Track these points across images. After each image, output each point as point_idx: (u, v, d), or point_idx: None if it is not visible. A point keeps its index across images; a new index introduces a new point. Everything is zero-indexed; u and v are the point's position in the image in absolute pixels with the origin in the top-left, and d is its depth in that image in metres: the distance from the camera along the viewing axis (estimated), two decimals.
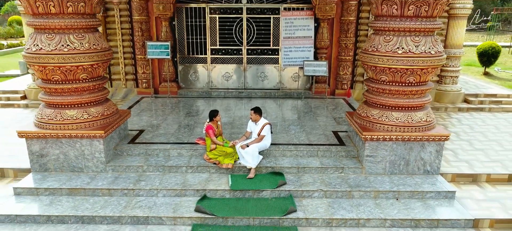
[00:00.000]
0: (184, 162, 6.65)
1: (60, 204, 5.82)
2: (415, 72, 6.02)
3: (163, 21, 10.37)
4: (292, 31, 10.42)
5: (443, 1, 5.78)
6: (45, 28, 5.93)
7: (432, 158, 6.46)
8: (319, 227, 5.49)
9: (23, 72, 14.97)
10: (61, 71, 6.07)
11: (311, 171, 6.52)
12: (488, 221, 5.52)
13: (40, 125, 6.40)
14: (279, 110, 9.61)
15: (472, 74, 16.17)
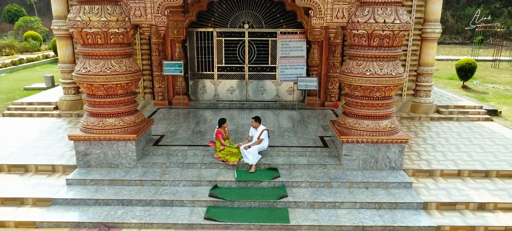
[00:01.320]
0: (199, 160, 8.33)
1: (103, 191, 7.49)
2: (380, 89, 7.71)
3: (177, 43, 12.12)
4: (288, 52, 12.16)
5: (400, 35, 7.50)
6: (92, 55, 7.65)
7: (396, 156, 8.13)
8: (304, 208, 7.14)
9: (48, 86, 16.71)
10: (104, 88, 7.77)
11: (300, 167, 8.19)
12: (434, 204, 7.17)
13: (85, 130, 8.09)
14: (276, 119, 11.31)
15: (452, 87, 17.88)
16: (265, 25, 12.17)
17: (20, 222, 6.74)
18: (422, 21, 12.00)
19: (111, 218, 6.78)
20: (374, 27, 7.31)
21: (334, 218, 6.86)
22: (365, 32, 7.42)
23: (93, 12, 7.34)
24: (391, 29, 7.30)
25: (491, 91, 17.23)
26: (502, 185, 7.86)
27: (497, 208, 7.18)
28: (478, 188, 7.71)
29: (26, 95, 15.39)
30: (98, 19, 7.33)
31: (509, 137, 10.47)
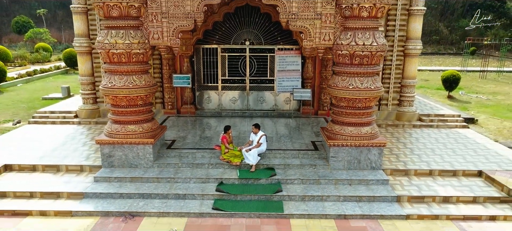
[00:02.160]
0: (206, 161, 9.68)
1: (126, 186, 8.84)
2: (361, 100, 9.08)
3: (185, 58, 13.53)
4: (284, 66, 13.55)
5: (377, 55, 8.88)
6: (117, 71, 9.04)
7: (376, 158, 9.47)
8: (296, 201, 8.47)
9: (64, 96, 18.12)
10: (127, 100, 9.15)
11: (293, 167, 9.53)
12: (406, 197, 8.50)
13: (109, 135, 9.46)
14: (274, 126, 12.67)
15: (438, 97, 19.25)
16: (264, 42, 13.58)
17: (59, 211, 8.08)
18: (405, 38, 13.39)
19: (134, 208, 8.12)
20: (355, 49, 8.70)
21: (321, 208, 8.19)
22: (348, 52, 8.80)
23: (118, 36, 8.74)
24: (370, 50, 8.69)
25: (474, 101, 18.59)
26: (466, 182, 9.19)
27: (459, 201, 8.51)
28: (445, 185, 9.04)
29: (45, 104, 16.81)
30: (123, 41, 8.73)
31: (480, 142, 11.81)
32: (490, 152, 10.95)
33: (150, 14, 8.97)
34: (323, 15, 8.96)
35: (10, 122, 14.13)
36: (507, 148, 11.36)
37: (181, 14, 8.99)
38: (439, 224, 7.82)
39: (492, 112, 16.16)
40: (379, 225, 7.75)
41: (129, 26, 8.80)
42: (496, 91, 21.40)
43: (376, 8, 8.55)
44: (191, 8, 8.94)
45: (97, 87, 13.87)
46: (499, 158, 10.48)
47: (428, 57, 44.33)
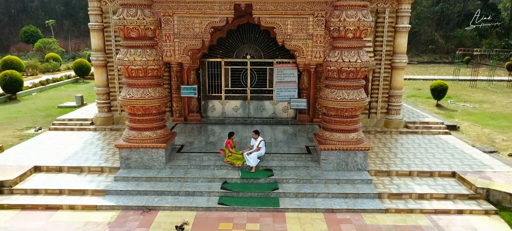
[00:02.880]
0: (212, 163, 10.97)
1: (142, 185, 10.13)
2: (348, 110, 10.37)
3: (192, 71, 14.87)
4: (282, 77, 14.87)
5: (362, 70, 10.19)
6: (135, 85, 10.36)
7: (361, 160, 10.75)
8: (291, 197, 9.74)
9: (78, 104, 19.47)
10: (143, 109, 10.47)
11: (289, 169, 10.81)
12: (386, 194, 9.77)
13: (127, 140, 10.77)
14: (272, 132, 13.96)
15: (427, 105, 20.53)
16: (264, 56, 14.91)
17: (85, 205, 9.37)
18: (392, 53, 14.72)
19: (150, 203, 9.41)
20: (342, 65, 10.02)
21: (312, 204, 9.46)
22: (336, 68, 10.13)
23: (136, 54, 10.08)
24: (355, 66, 10.01)
25: (461, 109, 19.86)
26: (441, 182, 10.46)
27: (433, 197, 9.78)
28: (421, 184, 10.31)
29: (61, 112, 18.16)
30: (140, 59, 10.06)
31: (458, 147, 13.09)
32: (465, 155, 12.22)
33: (164, 35, 10.33)
34: (314, 36, 10.31)
35: (32, 129, 15.45)
36: (481, 152, 12.63)
37: (191, 35, 10.34)
38: (413, 216, 9.08)
39: (475, 120, 17.42)
40: (361, 217, 9.02)
41: (145, 45, 10.14)
42: (483, 100, 22.67)
43: (360, 30, 9.87)
44: (200, 29, 10.30)
45: (111, 97, 15.22)
46: (473, 161, 11.74)
47: (424, 66, 45.69)
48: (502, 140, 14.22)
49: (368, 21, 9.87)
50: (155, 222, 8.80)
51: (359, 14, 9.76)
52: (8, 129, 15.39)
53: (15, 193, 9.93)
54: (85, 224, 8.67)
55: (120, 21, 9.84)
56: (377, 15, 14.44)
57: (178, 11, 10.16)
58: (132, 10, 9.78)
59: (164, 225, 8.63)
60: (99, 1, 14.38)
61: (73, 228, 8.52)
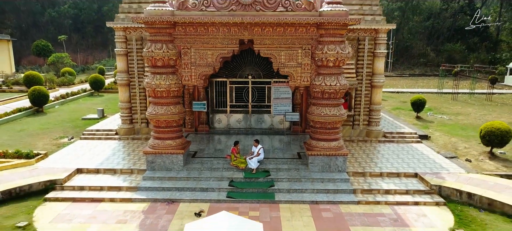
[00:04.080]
0: (221, 166, 13.56)
1: (166, 183, 12.70)
2: (330, 123, 12.97)
3: (201, 89, 17.50)
4: (279, 94, 17.48)
5: (341, 91, 12.81)
6: (159, 103, 12.98)
7: (341, 164, 13.32)
8: (284, 193, 12.29)
9: (100, 117, 22.09)
10: (165, 123, 13.08)
11: (283, 170, 13.38)
12: (359, 190, 12.33)
13: (152, 148, 13.36)
14: (270, 141, 16.55)
15: (408, 118, 23.13)
16: (263, 76, 17.55)
17: (123, 198, 11.93)
18: (371, 74, 17.36)
19: (173, 197, 11.98)
20: (325, 88, 12.64)
21: (300, 197, 12.02)
22: (320, 90, 12.75)
23: (161, 79, 12.70)
24: (334, 89, 12.64)
25: (437, 121, 22.47)
26: (405, 181, 13.04)
27: (396, 192, 12.33)
28: (389, 182, 12.88)
29: (86, 123, 20.78)
30: (164, 83, 12.69)
31: (425, 153, 15.67)
32: (429, 160, 14.81)
33: (183, 63, 13.00)
34: (303, 64, 12.96)
35: (65, 138, 18.04)
36: (443, 158, 15.22)
37: (204, 63, 13.01)
38: (379, 207, 11.65)
39: (447, 130, 20.01)
40: (338, 207, 11.59)
41: (168, 72, 12.79)
42: (460, 112, 25.28)
43: (338, 60, 12.51)
44: (211, 59, 12.96)
45: (133, 111, 17.85)
46: (434, 164, 14.33)
47: (415, 79, 48.40)
48: (464, 148, 16.80)
49: (344, 53, 12.52)
50: (178, 211, 11.35)
51: (338, 48, 12.42)
52: (45, 138, 17.98)
53: (65, 189, 12.51)
54: (124, 212, 11.23)
55: (149, 53, 12.50)
56: (359, 43, 17.14)
57: (194, 45, 12.83)
58: (159, 44, 12.45)
59: (185, 212, 11.19)
60: (124, 30, 17.06)
61: (115, 215, 11.09)
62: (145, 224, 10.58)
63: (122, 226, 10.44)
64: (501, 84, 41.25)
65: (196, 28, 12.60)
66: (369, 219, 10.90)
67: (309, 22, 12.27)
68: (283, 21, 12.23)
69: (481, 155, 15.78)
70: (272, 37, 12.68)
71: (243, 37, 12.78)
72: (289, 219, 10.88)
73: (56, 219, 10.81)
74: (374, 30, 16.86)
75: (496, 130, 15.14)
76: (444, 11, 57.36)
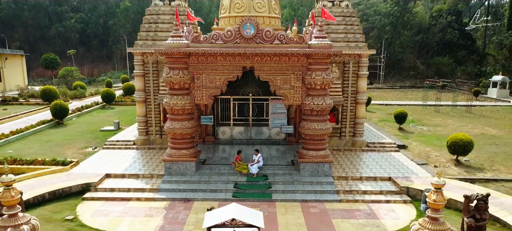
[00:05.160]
0: (226, 171, 16.18)
1: (181, 185, 15.30)
2: (318, 136, 15.62)
3: (208, 105, 20.16)
4: (276, 110, 20.15)
5: (326, 109, 15.48)
6: (176, 119, 15.62)
7: (327, 169, 15.96)
8: (279, 193, 14.90)
9: (116, 129, 24.68)
10: (181, 135, 15.72)
11: (278, 175, 16.01)
12: (342, 191, 14.97)
13: (169, 156, 15.98)
14: (268, 150, 19.18)
15: (392, 129, 25.80)
16: (262, 94, 20.22)
17: (147, 198, 14.52)
18: (356, 92, 20.08)
19: (188, 196, 14.58)
20: (313, 106, 15.32)
21: (293, 197, 14.64)
22: (309, 108, 15.43)
23: (177, 99, 15.36)
24: (321, 107, 15.31)
25: (417, 132, 25.16)
26: (380, 183, 15.67)
27: (372, 193, 14.96)
28: (366, 185, 15.50)
29: (104, 134, 23.37)
30: (180, 102, 15.35)
31: (400, 161, 18.34)
32: (403, 166, 17.47)
33: (196, 86, 15.68)
34: (295, 87, 15.65)
35: (89, 148, 20.63)
36: (415, 164, 17.88)
37: (213, 86, 15.69)
38: (357, 204, 14.26)
39: (423, 140, 22.71)
40: (324, 204, 14.20)
41: (183, 93, 15.47)
42: (439, 124, 28.01)
43: (324, 84, 15.22)
44: (219, 83, 15.65)
45: (148, 124, 20.47)
46: (406, 170, 16.99)
47: (405, 91, 51.17)
48: (435, 156, 19.48)
49: (329, 78, 15.23)
50: (193, 207, 13.95)
51: (323, 74, 15.14)
52: (71, 148, 20.58)
53: (98, 190, 15.10)
54: (149, 209, 13.82)
55: (168, 78, 15.19)
56: (344, 65, 19.90)
57: (205, 71, 15.53)
58: (176, 71, 15.15)
59: (199, 208, 13.78)
60: (142, 55, 19.78)
61: (142, 210, 13.67)
62: (167, 217, 13.17)
63: (150, 219, 13.03)
64: (484, 97, 44.10)
65: (206, 57, 15.31)
66: (348, 213, 13.53)
67: (300, 53, 15.01)
68: (278, 52, 14.96)
69: (448, 162, 18.46)
70: (270, 65, 15.40)
71: (245, 64, 15.50)
72: (284, 214, 13.50)
73: (95, 213, 13.40)
74: (358, 54, 19.61)
75: (460, 141, 17.85)
76: (433, 27, 60.41)
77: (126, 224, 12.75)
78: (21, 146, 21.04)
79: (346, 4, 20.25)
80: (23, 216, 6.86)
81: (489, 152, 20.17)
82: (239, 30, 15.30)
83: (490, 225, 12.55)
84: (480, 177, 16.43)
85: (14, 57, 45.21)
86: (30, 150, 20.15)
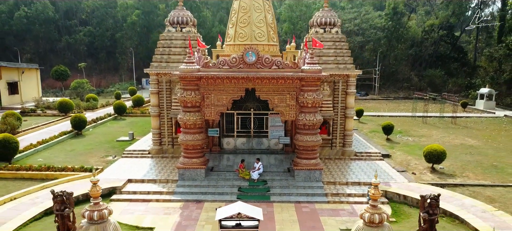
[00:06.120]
0: (231, 177, 18.84)
1: (193, 189, 17.96)
2: (310, 147, 18.29)
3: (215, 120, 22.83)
4: (274, 123, 22.79)
5: (317, 124, 18.17)
6: (188, 132, 18.31)
7: (318, 175, 18.61)
8: (276, 195, 17.54)
9: (131, 139, 27.37)
10: (192, 146, 18.40)
11: (276, 180, 18.66)
12: (330, 194, 17.60)
13: (183, 164, 18.65)
14: (267, 159, 21.82)
15: (380, 139, 28.43)
16: (262, 109, 22.85)
17: (164, 199, 17.18)
18: (345, 107, 22.78)
19: (199, 198, 17.23)
20: (305, 122, 18.01)
21: (288, 198, 17.28)
22: (302, 123, 18.11)
23: (190, 115, 18.08)
24: (313, 122, 18.01)
25: (403, 142, 27.80)
26: (363, 187, 18.29)
27: (355, 195, 17.59)
28: (351, 188, 18.13)
29: (120, 144, 26.06)
30: (192, 118, 18.06)
31: (383, 168, 20.97)
32: (384, 173, 20.11)
33: (205, 104, 18.39)
34: (290, 105, 18.36)
35: (109, 157, 23.31)
36: (396, 171, 20.51)
37: (220, 104, 18.41)
38: (342, 205, 16.89)
39: (407, 150, 25.34)
40: (314, 205, 16.83)
41: (195, 110, 18.18)
42: (424, 134, 30.65)
43: (315, 102, 17.92)
44: (226, 101, 18.37)
45: (161, 136, 23.16)
46: (387, 176, 19.62)
47: (398, 102, 53.85)
48: (414, 164, 22.12)
49: (319, 98, 17.94)
50: (204, 207, 16.59)
51: (314, 94, 17.85)
52: (93, 156, 23.27)
53: (123, 193, 17.76)
54: (167, 208, 16.47)
55: (182, 97, 17.92)
56: (335, 84, 22.63)
57: (213, 91, 18.25)
58: (189, 91, 17.88)
59: (209, 208, 16.41)
60: (156, 75, 22.54)
61: (161, 210, 16.31)
62: (183, 215, 15.83)
63: (168, 216, 15.68)
64: (472, 108, 46.74)
65: (215, 80, 18.05)
66: (334, 212, 16.16)
67: (294, 77, 17.74)
68: (276, 76, 17.71)
69: (425, 169, 21.10)
70: (268, 86, 18.13)
71: (248, 86, 18.24)
72: (280, 212, 16.14)
73: (122, 212, 16.05)
74: (346, 75, 22.34)
75: (434, 151, 20.50)
76: (425, 40, 63.31)
77: (149, 220, 15.39)
78: (48, 154, 23.73)
79: (336, 31, 23.04)
80: (102, 204, 9.86)
81: (462, 161, 22.81)
82: (243, 57, 18.03)
83: (451, 222, 15.21)
84: (450, 182, 19.06)
85: (30, 70, 48.10)
86: (57, 158, 22.84)
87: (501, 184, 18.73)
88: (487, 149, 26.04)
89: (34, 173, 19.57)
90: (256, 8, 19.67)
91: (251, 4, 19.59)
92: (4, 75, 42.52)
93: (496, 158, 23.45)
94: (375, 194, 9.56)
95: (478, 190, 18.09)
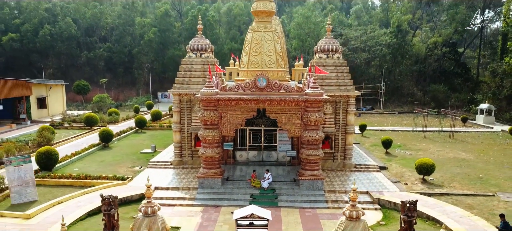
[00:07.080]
0: (244, 186, 21.66)
1: (211, 196, 20.82)
2: (313, 159, 21.05)
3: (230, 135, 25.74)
4: (282, 138, 25.57)
5: (319, 139, 20.95)
6: (208, 146, 21.22)
7: (320, 185, 21.31)
8: (283, 202, 20.28)
9: (153, 151, 30.42)
10: (211, 159, 21.30)
11: (284, 189, 21.41)
12: (330, 201, 20.32)
13: (202, 174, 21.55)
14: (276, 170, 24.59)
15: (380, 153, 30.98)
16: (271, 126, 25.73)
17: (187, 204, 20.06)
18: (345, 124, 25.51)
19: (217, 204, 20.07)
20: (309, 138, 20.81)
21: (293, 204, 20.01)
22: (306, 139, 20.91)
23: (209, 131, 21.01)
24: (315, 138, 20.80)
25: (400, 155, 30.30)
26: (360, 196, 20.90)
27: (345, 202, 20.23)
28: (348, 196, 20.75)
29: (144, 156, 29.09)
30: (211, 134, 20.99)
31: (379, 179, 23.56)
32: (380, 183, 22.71)
33: (222, 122, 21.33)
34: (296, 123, 21.21)
35: (136, 167, 26.33)
36: (390, 182, 23.10)
37: (235, 122, 21.34)
38: (340, 210, 19.48)
39: (403, 163, 27.85)
40: (316, 210, 19.53)
41: (213, 128, 21.13)
42: (422, 148, 33.09)
43: (317, 121, 20.74)
44: (240, 119, 21.30)
45: (182, 148, 26.14)
46: (382, 186, 22.23)
47: (402, 116, 56.15)
48: (408, 175, 24.66)
49: (321, 117, 20.76)
50: (221, 211, 19.42)
51: (317, 114, 20.68)
52: (122, 167, 26.33)
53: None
54: (190, 211, 19.35)
55: (202, 117, 20.91)
56: (336, 104, 25.42)
57: (229, 111, 21.20)
58: (208, 111, 20.86)
59: (226, 212, 19.22)
60: (179, 95, 25.62)
61: (185, 213, 19.19)
62: (204, 217, 18.68)
63: (192, 218, 18.55)
64: (472, 123, 48.90)
65: (230, 101, 21.01)
66: (332, 216, 18.84)
67: (299, 99, 20.61)
68: (283, 98, 20.60)
69: (416, 180, 23.64)
70: (277, 107, 21.02)
71: (259, 107, 21.16)
72: (286, 216, 18.89)
73: None
74: (346, 95, 25.14)
75: (424, 164, 23.07)
76: (429, 57, 65.74)
77: (175, 221, 18.26)
78: (82, 165, 26.86)
79: (338, 56, 25.91)
80: (153, 202, 12.86)
81: (452, 173, 25.28)
82: (255, 82, 20.98)
83: (432, 225, 17.78)
84: (437, 191, 21.58)
85: (56, 86, 51.86)
86: (90, 168, 25.95)
87: (481, 193, 21.19)
88: (477, 162, 28.42)
89: (74, 180, 22.65)
90: (266, 39, 22.65)
91: (262, 36, 22.60)
92: (34, 91, 46.23)
93: (483, 171, 25.86)
94: (353, 196, 12.24)
95: (460, 198, 20.58)
